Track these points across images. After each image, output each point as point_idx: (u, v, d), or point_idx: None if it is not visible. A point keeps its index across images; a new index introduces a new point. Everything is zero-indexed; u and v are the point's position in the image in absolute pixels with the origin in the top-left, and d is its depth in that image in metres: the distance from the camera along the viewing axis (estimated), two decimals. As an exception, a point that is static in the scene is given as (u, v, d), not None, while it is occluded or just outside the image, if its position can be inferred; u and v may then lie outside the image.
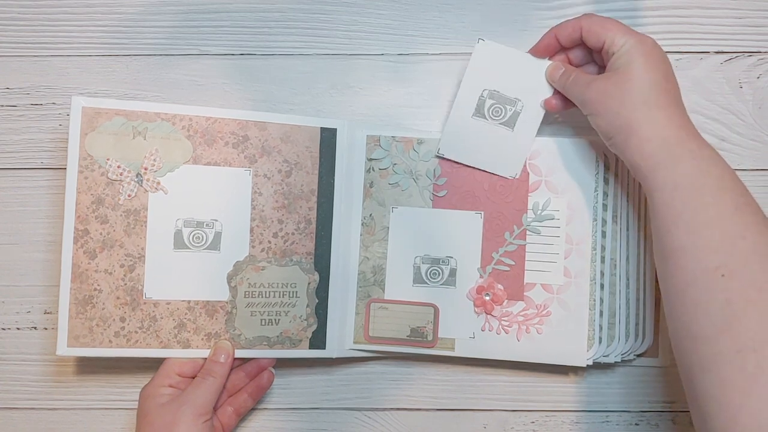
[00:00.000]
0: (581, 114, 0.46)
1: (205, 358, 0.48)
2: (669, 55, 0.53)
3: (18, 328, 0.53)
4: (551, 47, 0.48)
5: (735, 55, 0.54)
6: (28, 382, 0.53)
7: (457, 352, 0.50)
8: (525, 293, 0.50)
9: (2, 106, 0.54)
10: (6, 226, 0.53)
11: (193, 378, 0.47)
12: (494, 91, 0.49)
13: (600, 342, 0.49)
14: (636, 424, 0.53)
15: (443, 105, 0.54)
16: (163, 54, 0.54)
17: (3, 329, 0.53)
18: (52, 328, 0.53)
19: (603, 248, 0.50)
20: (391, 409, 0.53)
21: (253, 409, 0.53)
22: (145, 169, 0.47)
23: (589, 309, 0.50)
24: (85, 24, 0.54)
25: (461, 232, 0.50)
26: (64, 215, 0.47)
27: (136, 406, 0.52)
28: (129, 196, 0.47)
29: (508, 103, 0.49)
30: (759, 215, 0.39)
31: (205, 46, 0.54)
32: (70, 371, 0.53)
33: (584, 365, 0.49)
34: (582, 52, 0.48)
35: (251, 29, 0.54)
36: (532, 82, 0.49)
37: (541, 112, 0.49)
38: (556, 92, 0.49)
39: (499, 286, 0.50)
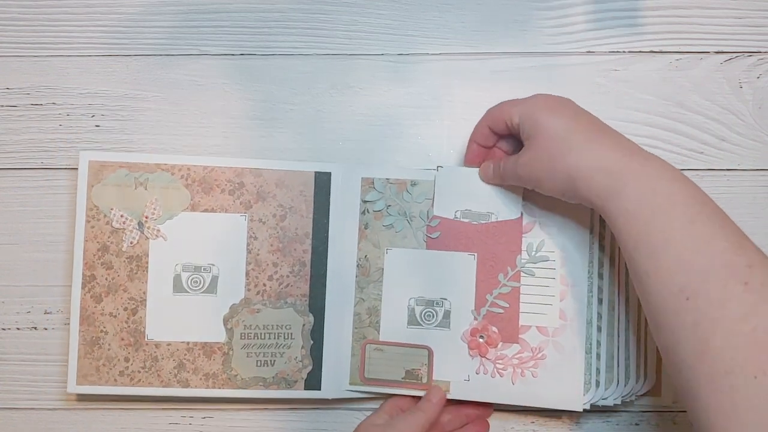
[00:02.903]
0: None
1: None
2: (669, 56, 0.54)
3: (18, 328, 0.53)
4: (479, 154, 0.50)
5: (735, 55, 0.54)
6: (28, 382, 0.53)
7: (452, 395, 0.49)
8: (520, 336, 0.49)
9: (2, 106, 0.54)
10: (6, 226, 0.53)
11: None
12: (466, 210, 0.50)
13: (597, 386, 0.49)
14: (636, 424, 0.53)
15: (443, 105, 0.54)
16: (163, 54, 0.54)
17: (3, 329, 0.53)
18: (53, 329, 0.53)
19: (600, 290, 0.49)
20: (391, 409, 0.53)
21: (254, 409, 0.53)
22: (146, 217, 0.50)
23: (586, 352, 0.49)
24: (85, 24, 0.54)
25: (455, 274, 0.50)
26: (73, 261, 0.49)
27: (137, 407, 0.52)
28: (131, 243, 0.50)
29: (482, 219, 0.50)
30: (715, 223, 0.38)
31: (205, 46, 0.54)
32: (70, 371, 0.53)
33: (580, 410, 0.49)
34: (507, 140, 0.49)
35: (251, 29, 0.54)
36: (496, 193, 0.50)
37: (518, 215, 0.50)
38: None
39: (494, 328, 0.49)
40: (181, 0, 0.54)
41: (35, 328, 0.53)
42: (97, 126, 0.53)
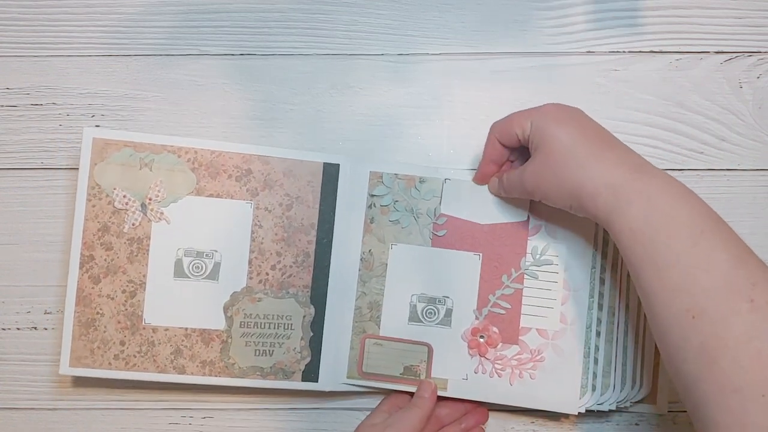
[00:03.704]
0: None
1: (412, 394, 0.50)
2: (669, 56, 0.54)
3: (18, 328, 0.53)
4: (490, 173, 0.49)
5: (735, 55, 0.54)
6: (28, 382, 0.53)
7: (450, 393, 0.50)
8: (520, 337, 0.50)
9: (2, 106, 0.54)
10: (6, 226, 0.53)
11: None
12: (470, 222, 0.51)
13: (594, 390, 0.49)
14: (636, 424, 0.53)
15: (443, 105, 0.54)
16: (163, 54, 0.54)
17: (3, 329, 0.53)
18: (52, 329, 0.53)
19: (601, 295, 0.50)
20: (391, 409, 0.53)
21: (254, 409, 0.53)
22: (150, 199, 0.49)
23: (584, 356, 0.49)
24: (85, 24, 0.54)
25: (459, 273, 0.50)
26: (72, 240, 0.49)
27: (137, 407, 0.52)
28: (133, 225, 0.49)
29: None
30: (718, 240, 0.37)
31: (205, 46, 0.54)
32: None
33: (576, 413, 0.49)
34: (516, 155, 0.49)
35: (251, 29, 0.54)
36: (502, 208, 0.50)
37: (525, 218, 0.50)
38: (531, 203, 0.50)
39: (494, 328, 0.50)
40: (181, 0, 0.54)
41: (35, 328, 0.53)
42: (97, 126, 0.53)
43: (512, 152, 0.49)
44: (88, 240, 0.49)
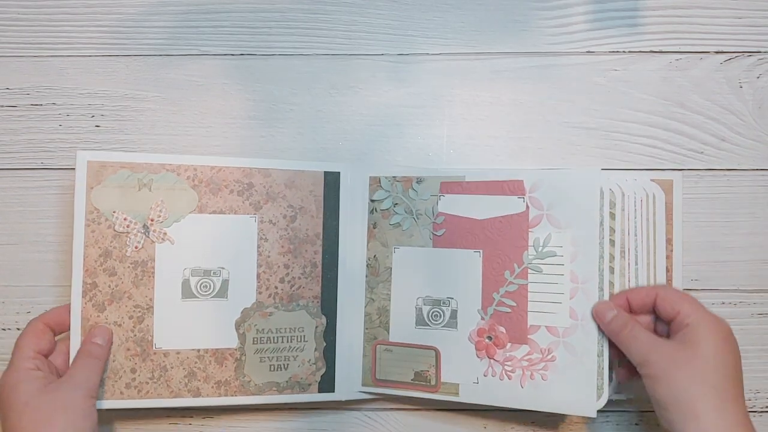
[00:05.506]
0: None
1: (66, 334, 0.46)
2: (669, 56, 0.54)
3: (18, 329, 0.53)
4: (620, 304, 0.46)
5: (735, 55, 0.54)
6: (28, 382, 0.53)
7: (462, 398, 0.48)
8: (529, 336, 0.47)
9: (2, 106, 0.54)
10: (6, 226, 0.53)
11: (48, 356, 0.45)
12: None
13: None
14: (636, 424, 0.53)
15: (443, 105, 0.54)
16: (163, 54, 0.54)
17: (3, 329, 0.53)
18: (52, 328, 0.53)
19: (611, 285, 0.47)
20: (391, 409, 0.53)
21: (254, 409, 0.53)
22: (152, 220, 0.48)
23: (598, 355, 0.46)
24: (85, 24, 0.54)
25: (461, 272, 0.49)
26: (72, 268, 0.47)
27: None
28: (136, 247, 0.48)
29: None
30: None
31: (205, 46, 0.54)
32: (70, 371, 0.53)
33: (594, 415, 0.46)
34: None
35: (251, 29, 0.54)
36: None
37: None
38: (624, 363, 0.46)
39: (501, 328, 0.48)
40: (181, 0, 0.54)
41: (35, 328, 0.53)
42: (97, 126, 0.53)
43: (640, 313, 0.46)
44: (90, 267, 0.47)
